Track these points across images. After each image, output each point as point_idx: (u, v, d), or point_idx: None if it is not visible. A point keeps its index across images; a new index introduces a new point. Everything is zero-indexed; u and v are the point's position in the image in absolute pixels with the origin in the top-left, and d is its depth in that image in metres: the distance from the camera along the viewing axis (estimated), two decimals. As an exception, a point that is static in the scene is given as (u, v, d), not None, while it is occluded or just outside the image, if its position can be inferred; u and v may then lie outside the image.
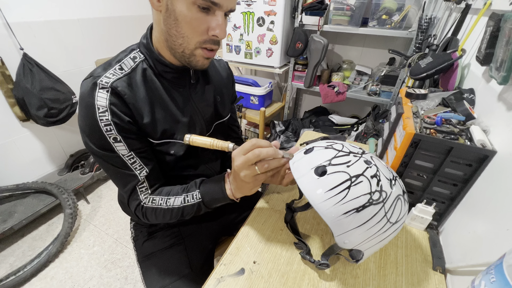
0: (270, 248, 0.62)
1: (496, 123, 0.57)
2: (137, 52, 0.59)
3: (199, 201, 0.60)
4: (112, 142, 0.54)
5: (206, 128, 0.70)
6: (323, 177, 0.47)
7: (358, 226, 0.46)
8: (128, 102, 0.54)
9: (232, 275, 0.56)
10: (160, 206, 0.61)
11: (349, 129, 1.95)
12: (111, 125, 0.53)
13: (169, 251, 0.73)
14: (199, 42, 0.52)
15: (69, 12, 1.62)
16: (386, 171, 0.49)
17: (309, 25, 1.77)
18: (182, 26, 0.50)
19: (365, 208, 0.45)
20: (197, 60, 0.55)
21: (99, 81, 0.52)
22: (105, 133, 0.53)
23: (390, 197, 0.46)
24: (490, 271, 0.35)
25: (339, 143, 0.53)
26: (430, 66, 0.87)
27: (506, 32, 0.51)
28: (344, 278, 0.56)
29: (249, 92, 2.00)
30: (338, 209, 0.45)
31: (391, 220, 0.47)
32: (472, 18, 0.92)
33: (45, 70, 1.51)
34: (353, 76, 1.93)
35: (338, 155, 0.49)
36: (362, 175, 0.46)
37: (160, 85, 0.60)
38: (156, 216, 0.62)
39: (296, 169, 0.51)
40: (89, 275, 1.33)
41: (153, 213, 0.62)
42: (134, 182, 0.59)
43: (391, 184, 0.48)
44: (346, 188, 0.45)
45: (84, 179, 1.74)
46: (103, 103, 0.52)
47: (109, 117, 0.52)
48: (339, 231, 0.47)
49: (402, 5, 1.47)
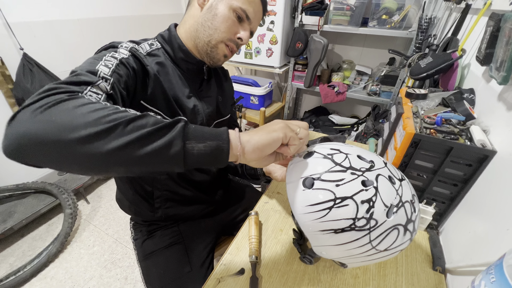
0: (270, 248, 0.62)
1: (496, 123, 0.57)
2: (154, 40, 0.64)
3: (179, 118, 0.35)
4: (100, 64, 0.45)
5: (206, 123, 0.71)
6: (309, 190, 0.43)
7: (336, 245, 0.43)
8: (146, 64, 0.56)
9: (232, 275, 0.56)
10: (99, 102, 0.35)
11: (349, 129, 1.95)
12: (116, 60, 0.49)
13: (168, 250, 0.73)
14: (226, 38, 0.61)
15: (69, 12, 1.62)
16: (389, 195, 0.42)
17: (309, 25, 1.77)
18: (218, 21, 0.59)
19: (345, 231, 0.41)
20: (218, 52, 0.62)
21: (119, 45, 0.54)
22: (103, 59, 0.47)
23: (382, 226, 0.41)
24: (490, 271, 0.35)
25: (344, 152, 0.46)
26: (430, 66, 0.87)
27: (506, 32, 0.51)
28: (344, 278, 0.56)
29: (249, 92, 2.00)
30: (316, 225, 0.42)
31: (378, 248, 0.42)
32: (472, 18, 0.92)
33: (45, 70, 1.51)
34: (353, 76, 1.93)
35: (332, 169, 0.43)
36: (350, 198, 0.41)
37: (173, 72, 0.63)
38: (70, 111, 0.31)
39: (289, 173, 0.48)
40: (89, 275, 1.33)
41: (76, 104, 0.32)
42: (86, 78, 0.39)
43: (389, 212, 0.41)
44: (327, 208, 0.41)
45: (84, 179, 1.75)
46: (124, 52, 0.53)
47: (121, 57, 0.51)
48: (316, 244, 0.46)
49: (402, 5, 1.47)
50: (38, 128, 0.30)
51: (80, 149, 0.30)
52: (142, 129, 0.32)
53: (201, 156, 0.34)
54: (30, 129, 0.30)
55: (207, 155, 0.35)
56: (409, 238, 0.44)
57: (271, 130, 0.40)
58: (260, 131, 0.40)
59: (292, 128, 0.42)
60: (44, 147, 0.30)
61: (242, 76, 2.18)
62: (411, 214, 0.43)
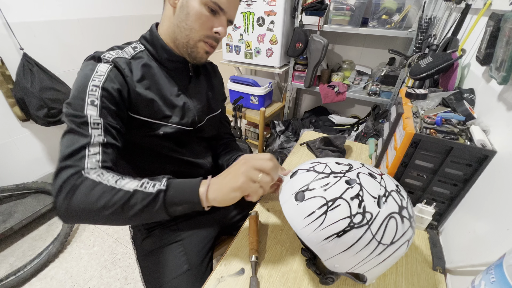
0: (270, 248, 0.62)
1: (496, 123, 0.57)
2: (137, 43, 0.65)
3: (160, 189, 0.48)
4: (87, 104, 0.50)
5: (198, 119, 0.72)
6: (302, 203, 0.46)
7: (344, 250, 0.43)
8: (126, 75, 0.57)
9: (232, 275, 0.56)
10: (106, 182, 0.47)
11: (349, 129, 1.95)
12: (98, 88, 0.52)
13: (167, 249, 0.73)
14: (203, 36, 0.60)
15: (69, 12, 1.62)
16: (373, 188, 0.44)
17: (309, 25, 1.77)
18: (192, 20, 0.58)
19: (346, 232, 0.42)
20: (198, 51, 0.62)
21: (102, 56, 0.56)
22: (87, 92, 0.51)
23: (378, 217, 0.42)
24: (490, 271, 0.35)
25: (323, 162, 0.50)
26: (430, 66, 0.87)
27: (506, 32, 0.51)
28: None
29: (249, 92, 2.00)
30: (318, 235, 0.43)
31: (383, 242, 0.42)
32: (472, 18, 0.92)
33: (45, 70, 1.51)
34: (353, 76, 1.93)
35: (317, 178, 0.47)
36: (340, 198, 0.43)
37: (159, 73, 0.64)
38: (86, 196, 0.46)
39: (281, 194, 0.51)
40: (89, 275, 1.33)
41: (89, 190, 0.46)
42: (83, 141, 0.48)
43: (380, 202, 0.43)
44: (323, 214, 0.43)
45: (84, 179, 1.74)
46: (104, 69, 0.55)
47: (102, 81, 0.53)
48: (325, 256, 0.45)
49: (402, 5, 1.47)
50: (74, 215, 0.48)
51: (99, 221, 0.50)
52: (135, 207, 0.47)
53: (179, 211, 0.50)
54: (71, 216, 0.48)
55: (184, 211, 0.50)
56: (409, 226, 0.44)
57: (231, 189, 0.49)
58: (224, 188, 0.49)
59: (253, 177, 0.49)
60: (81, 221, 0.50)
61: (242, 76, 2.18)
62: (401, 201, 0.45)
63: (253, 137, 2.30)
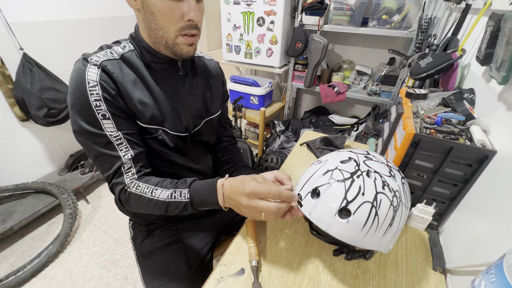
0: (270, 248, 0.62)
1: (496, 123, 0.57)
2: (126, 42, 0.62)
3: (187, 201, 0.56)
4: (101, 119, 0.54)
5: (193, 123, 0.69)
6: (351, 217, 0.46)
7: (389, 230, 0.48)
8: (117, 81, 0.56)
9: (232, 275, 0.55)
10: (145, 195, 0.57)
11: (349, 129, 1.95)
12: (101, 101, 0.53)
13: (167, 249, 0.73)
14: (178, 30, 0.54)
15: (69, 12, 1.62)
16: (382, 168, 0.50)
17: (309, 25, 1.76)
18: (159, 18, 0.53)
19: (394, 219, 0.47)
20: (181, 48, 0.57)
21: (89, 59, 0.55)
22: (94, 109, 0.53)
23: (400, 188, 0.49)
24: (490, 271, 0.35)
25: (331, 169, 0.50)
26: (430, 66, 0.87)
27: (506, 32, 0.51)
28: (344, 278, 0.56)
29: (249, 92, 2.00)
30: (377, 236, 0.47)
31: (406, 205, 0.50)
32: (472, 18, 0.92)
33: (45, 70, 1.51)
34: (353, 76, 1.93)
35: (347, 187, 0.47)
36: (380, 193, 0.46)
37: (148, 75, 0.61)
38: (138, 204, 0.58)
39: (318, 220, 0.49)
40: (89, 275, 1.33)
41: (136, 200, 0.58)
42: (118, 163, 0.57)
43: (392, 175, 0.49)
44: (375, 215, 0.45)
45: (84, 179, 1.74)
46: (94, 78, 0.53)
47: (100, 91, 0.53)
48: (384, 246, 0.49)
49: (402, 5, 1.47)
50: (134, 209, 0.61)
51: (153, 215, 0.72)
52: (173, 212, 0.58)
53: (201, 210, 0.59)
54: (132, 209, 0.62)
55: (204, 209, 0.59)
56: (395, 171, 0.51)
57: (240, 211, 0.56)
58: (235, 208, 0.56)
59: (255, 217, 0.54)
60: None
61: (242, 76, 2.18)
62: (390, 169, 0.51)
63: (253, 137, 2.30)
